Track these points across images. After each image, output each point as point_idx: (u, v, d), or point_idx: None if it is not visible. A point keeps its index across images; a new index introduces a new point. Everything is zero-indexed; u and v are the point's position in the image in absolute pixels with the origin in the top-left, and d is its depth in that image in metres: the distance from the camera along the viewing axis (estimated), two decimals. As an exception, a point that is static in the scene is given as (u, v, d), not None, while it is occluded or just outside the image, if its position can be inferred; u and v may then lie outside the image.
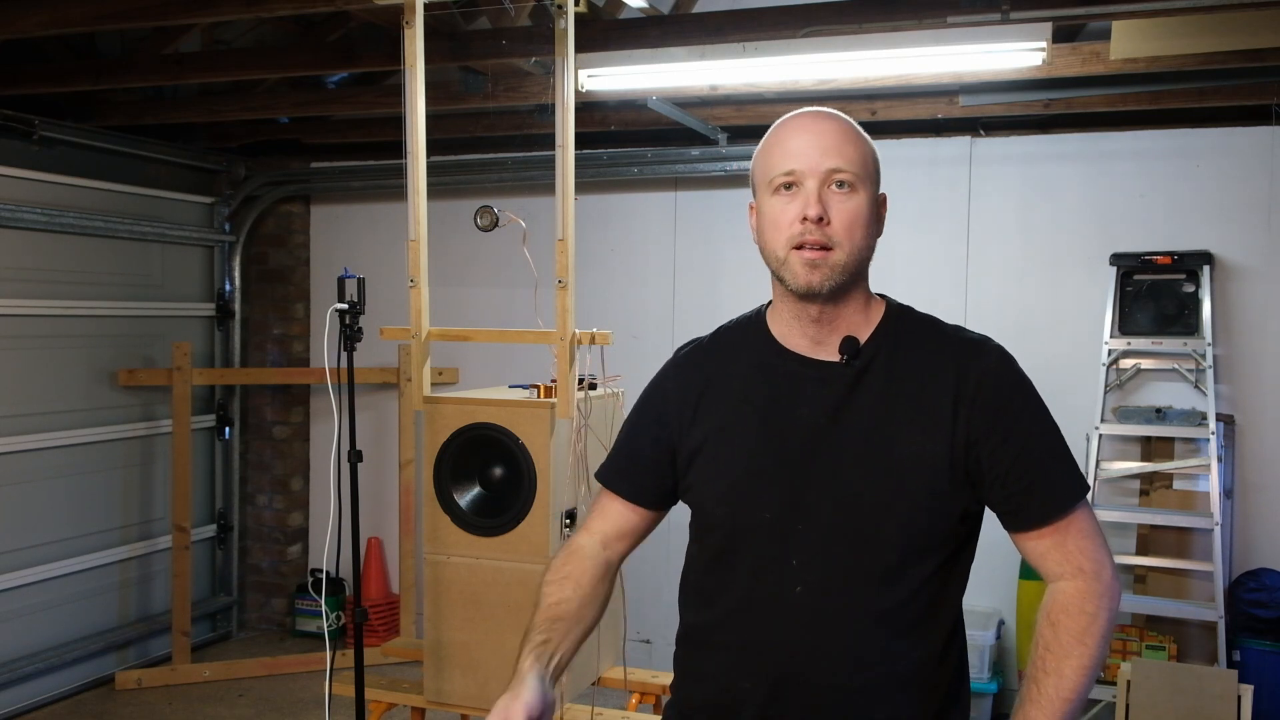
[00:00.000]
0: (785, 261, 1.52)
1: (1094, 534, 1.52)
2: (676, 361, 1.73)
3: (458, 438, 3.04)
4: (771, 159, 1.55)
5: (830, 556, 1.51)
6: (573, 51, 2.98)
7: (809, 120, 1.56)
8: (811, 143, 1.53)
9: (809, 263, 1.50)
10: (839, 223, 1.50)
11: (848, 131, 1.56)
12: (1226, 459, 4.23)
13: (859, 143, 1.56)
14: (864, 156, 1.55)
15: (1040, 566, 1.53)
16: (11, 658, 4.51)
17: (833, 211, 1.50)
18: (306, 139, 5.33)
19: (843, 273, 1.51)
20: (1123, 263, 4.32)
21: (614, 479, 1.73)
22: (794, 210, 1.51)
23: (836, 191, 1.51)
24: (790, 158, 1.52)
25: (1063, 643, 1.47)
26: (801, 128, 1.55)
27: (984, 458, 1.50)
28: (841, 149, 1.52)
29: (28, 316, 4.59)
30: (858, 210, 1.52)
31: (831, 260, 1.50)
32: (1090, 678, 1.47)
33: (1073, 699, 1.45)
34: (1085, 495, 1.53)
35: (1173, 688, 3.81)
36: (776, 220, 1.53)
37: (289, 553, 5.76)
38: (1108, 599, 1.49)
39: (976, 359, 1.54)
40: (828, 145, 1.52)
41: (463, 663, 3.06)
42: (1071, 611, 1.48)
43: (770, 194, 1.54)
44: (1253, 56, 3.48)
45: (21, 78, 4.24)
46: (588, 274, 4.86)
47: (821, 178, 1.51)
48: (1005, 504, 1.52)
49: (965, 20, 3.19)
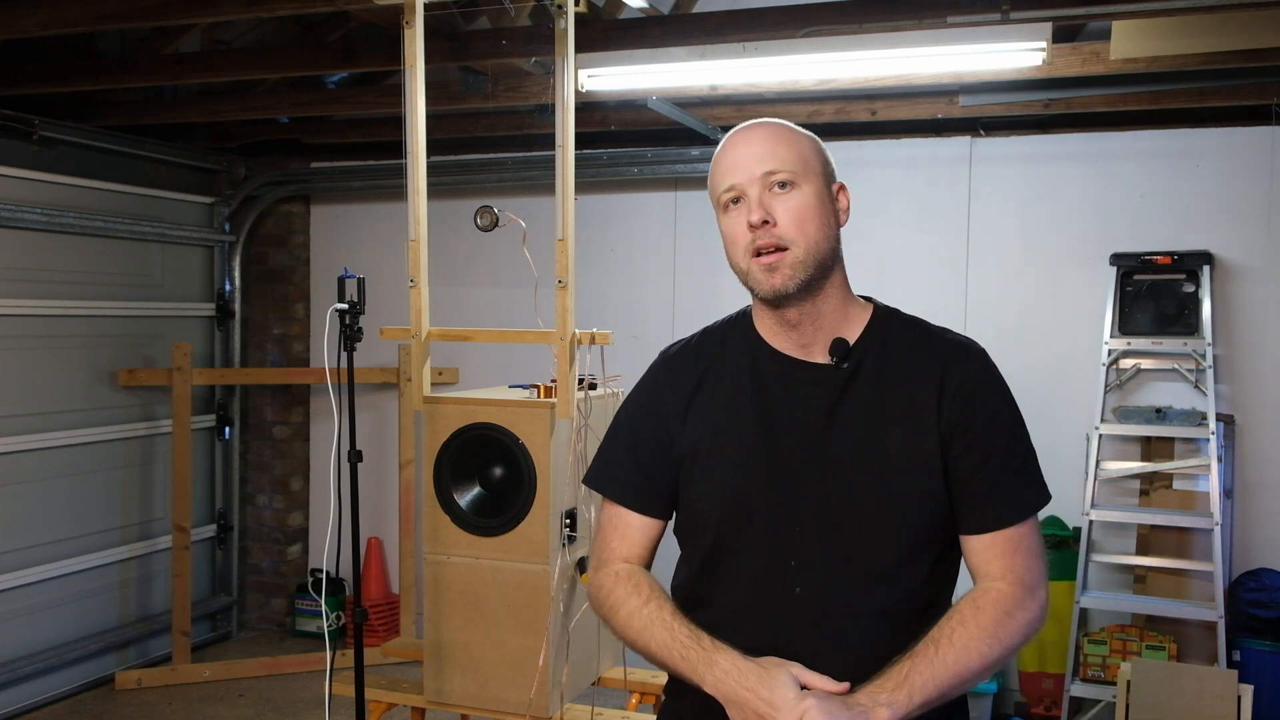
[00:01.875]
0: (748, 272, 1.55)
1: (1040, 554, 1.56)
2: (666, 363, 1.71)
3: (458, 438, 3.04)
4: (715, 179, 1.60)
5: (829, 557, 1.52)
6: (573, 51, 2.98)
7: (740, 134, 1.60)
8: (744, 154, 1.56)
9: (766, 267, 1.53)
10: (785, 220, 1.53)
11: (779, 133, 1.58)
12: (1226, 459, 4.23)
13: (792, 141, 1.57)
14: (799, 153, 1.56)
15: (981, 568, 1.54)
16: (11, 658, 4.51)
17: (777, 212, 1.53)
18: (306, 139, 5.33)
19: (803, 268, 1.53)
20: (1123, 263, 4.32)
21: (627, 495, 1.66)
22: (743, 221, 1.54)
23: (778, 192, 1.54)
24: (729, 173, 1.57)
25: (981, 626, 1.47)
26: (734, 143, 1.59)
27: (951, 456, 1.52)
28: (774, 151, 1.55)
29: (28, 316, 4.59)
30: (802, 205, 1.53)
31: (788, 259, 1.52)
32: (984, 672, 1.47)
33: (963, 678, 1.45)
34: (1041, 508, 1.56)
35: (1173, 688, 3.81)
36: (732, 235, 1.57)
37: (289, 553, 5.76)
38: (1035, 616, 1.51)
39: (961, 360, 1.57)
40: (759, 151, 1.55)
41: (463, 663, 3.06)
42: (1000, 607, 1.49)
43: (723, 213, 1.59)
44: (1253, 56, 3.48)
45: (21, 78, 4.24)
46: (588, 274, 4.86)
47: (760, 184, 1.54)
48: (962, 504, 1.54)
49: (965, 20, 3.19)
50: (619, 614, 1.60)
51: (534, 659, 2.96)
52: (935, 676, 1.43)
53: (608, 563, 1.67)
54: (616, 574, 1.64)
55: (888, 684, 1.42)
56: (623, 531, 1.67)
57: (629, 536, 1.66)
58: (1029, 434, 1.58)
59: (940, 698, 1.44)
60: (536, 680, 2.94)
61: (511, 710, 2.99)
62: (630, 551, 1.66)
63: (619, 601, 1.60)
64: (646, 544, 1.67)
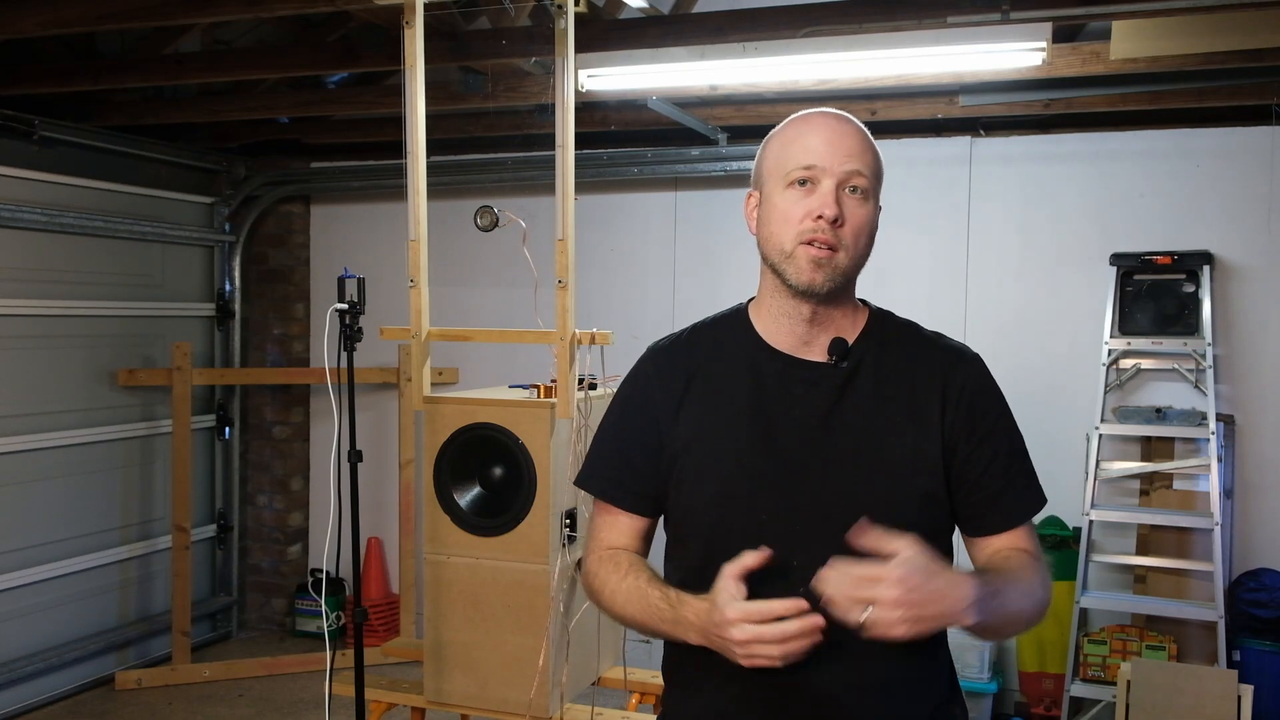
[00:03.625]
0: (791, 255, 1.51)
1: (1041, 553, 1.58)
2: (655, 358, 1.67)
3: (458, 438, 3.04)
4: (789, 152, 1.54)
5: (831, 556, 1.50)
6: (573, 51, 2.98)
7: (832, 119, 1.55)
8: (834, 141, 1.52)
9: (815, 260, 1.50)
10: (850, 227, 1.51)
11: (867, 139, 1.56)
12: (1226, 459, 4.23)
13: (874, 151, 1.57)
14: (878, 166, 1.56)
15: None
16: (11, 658, 4.51)
17: (847, 214, 1.50)
18: (306, 139, 5.33)
19: (843, 276, 1.52)
20: (1123, 263, 4.32)
21: (618, 494, 1.65)
22: (808, 206, 1.50)
23: (852, 196, 1.51)
24: (810, 154, 1.51)
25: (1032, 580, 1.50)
26: (824, 125, 1.54)
27: (957, 462, 1.53)
28: (863, 154, 1.53)
29: (28, 316, 4.59)
30: (868, 218, 1.53)
31: (836, 261, 1.50)
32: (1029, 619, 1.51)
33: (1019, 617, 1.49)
34: (1040, 509, 1.59)
35: (1173, 688, 3.81)
36: (788, 214, 1.51)
37: (289, 553, 5.76)
38: (1049, 595, 1.55)
39: (959, 365, 1.58)
40: (850, 148, 1.52)
41: (463, 663, 3.06)
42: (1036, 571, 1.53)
43: (784, 187, 1.53)
44: (1253, 56, 3.48)
45: (21, 78, 4.24)
46: (588, 274, 4.86)
47: (840, 179, 1.50)
48: (969, 507, 1.55)
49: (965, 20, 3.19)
50: (604, 594, 1.61)
51: (534, 659, 2.96)
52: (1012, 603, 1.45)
53: (593, 552, 1.67)
54: (600, 558, 1.64)
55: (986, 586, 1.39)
56: (613, 528, 1.66)
57: (620, 532, 1.65)
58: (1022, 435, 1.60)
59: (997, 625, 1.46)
60: (536, 680, 2.94)
61: (511, 710, 2.99)
62: (618, 543, 1.65)
63: (603, 582, 1.61)
64: (638, 539, 1.66)
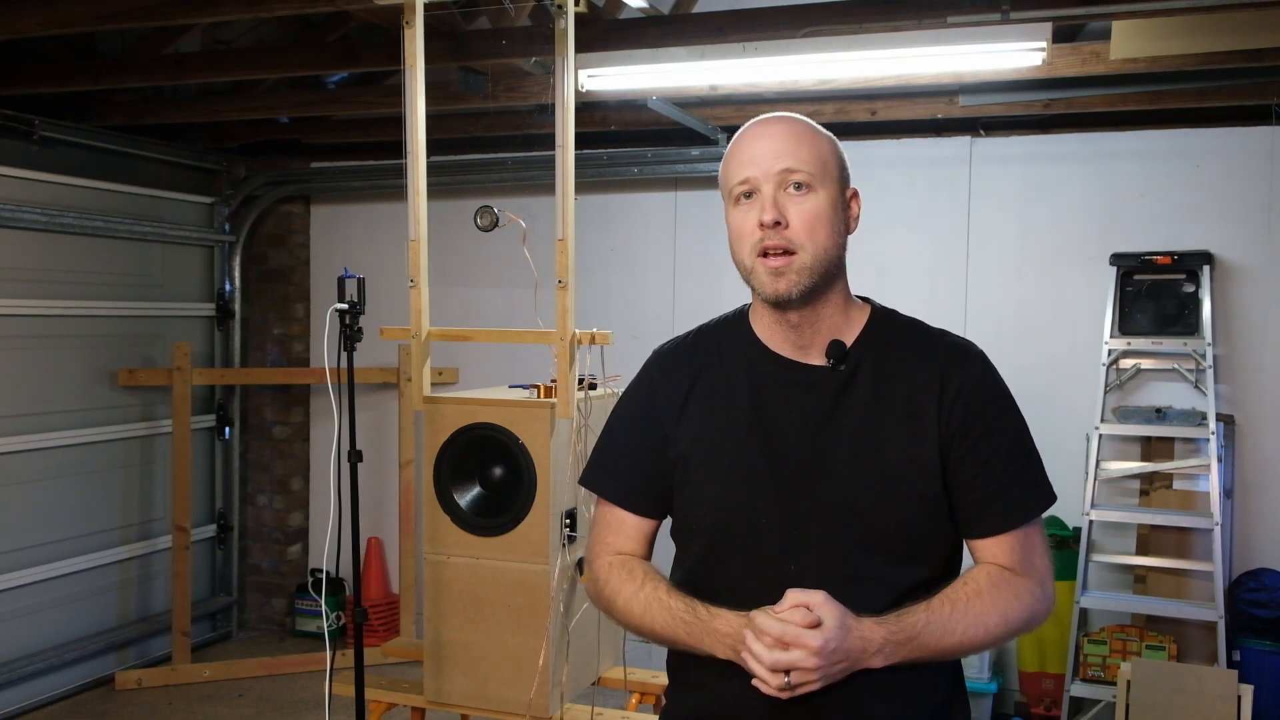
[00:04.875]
0: (753, 270, 1.52)
1: (1046, 551, 1.56)
2: (660, 361, 1.68)
3: (458, 438, 3.04)
4: (729, 170, 1.55)
5: (830, 560, 1.50)
6: (573, 51, 2.98)
7: (760, 126, 1.55)
8: (764, 148, 1.51)
9: (773, 271, 1.49)
10: (798, 224, 1.49)
11: (801, 131, 1.54)
12: (1226, 459, 4.23)
13: (814, 141, 1.53)
14: (820, 155, 1.53)
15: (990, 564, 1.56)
16: (11, 658, 4.51)
17: (790, 214, 1.49)
18: (306, 139, 5.33)
19: (810, 275, 1.50)
20: (1123, 263, 4.32)
21: (623, 495, 1.65)
22: (754, 218, 1.50)
23: (793, 194, 1.50)
24: (744, 166, 1.52)
25: (995, 602, 1.48)
26: (753, 135, 1.55)
27: (951, 461, 1.51)
28: (795, 150, 1.51)
29: (27, 316, 4.59)
30: (817, 210, 1.50)
31: (796, 264, 1.49)
32: (980, 647, 1.49)
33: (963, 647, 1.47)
34: (1045, 510, 1.55)
35: (1173, 688, 3.81)
36: (740, 230, 1.53)
37: (289, 553, 5.76)
38: (1043, 608, 1.52)
39: (961, 364, 1.55)
40: (779, 148, 1.51)
41: (463, 663, 3.06)
42: (1013, 589, 1.50)
43: (732, 205, 1.54)
44: (1253, 56, 3.48)
45: (21, 78, 4.24)
46: (588, 274, 4.86)
47: (776, 181, 1.50)
48: (965, 509, 1.53)
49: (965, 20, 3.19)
50: (617, 602, 1.60)
51: (534, 659, 2.96)
52: (940, 639, 1.44)
53: (600, 556, 1.66)
54: (610, 564, 1.64)
55: (898, 633, 1.42)
56: (618, 529, 1.66)
57: (624, 533, 1.66)
58: (1031, 436, 1.57)
59: (930, 659, 1.46)
60: (536, 680, 2.94)
61: (511, 710, 2.99)
62: (625, 546, 1.66)
63: (615, 590, 1.60)
64: (642, 541, 1.66)
